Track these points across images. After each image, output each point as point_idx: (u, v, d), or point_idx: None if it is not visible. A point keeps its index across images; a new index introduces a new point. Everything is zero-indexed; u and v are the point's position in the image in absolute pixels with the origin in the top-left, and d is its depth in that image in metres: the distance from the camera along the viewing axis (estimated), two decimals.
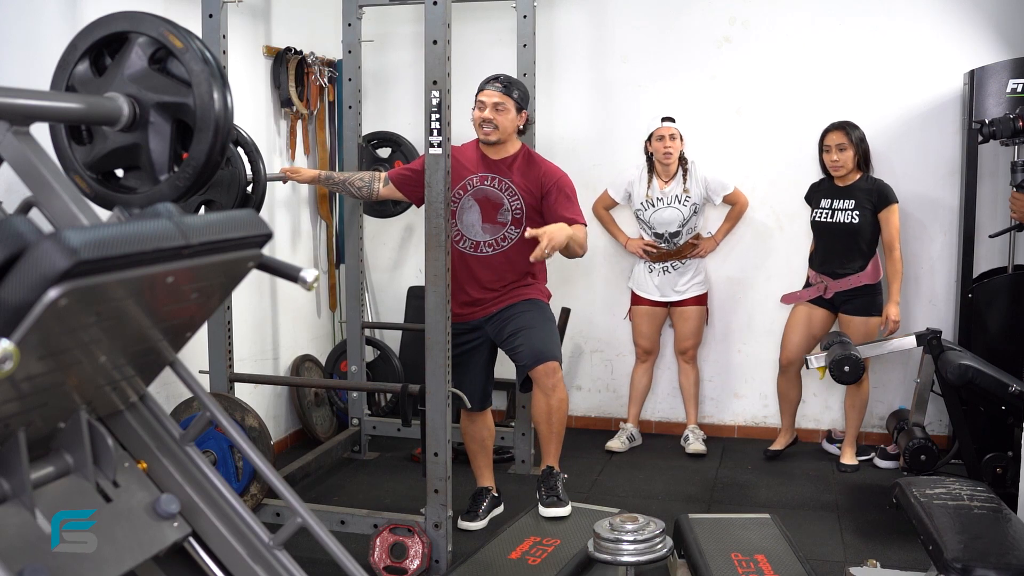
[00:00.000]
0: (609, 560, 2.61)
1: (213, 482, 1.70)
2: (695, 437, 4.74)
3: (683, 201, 4.57)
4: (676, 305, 4.70)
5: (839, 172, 4.31)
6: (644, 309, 4.72)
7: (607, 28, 4.95)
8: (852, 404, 4.49)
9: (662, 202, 4.58)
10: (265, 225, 1.65)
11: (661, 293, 4.68)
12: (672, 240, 4.61)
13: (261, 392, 4.44)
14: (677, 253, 4.63)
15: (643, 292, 4.71)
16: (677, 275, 4.65)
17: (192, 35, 1.87)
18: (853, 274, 4.31)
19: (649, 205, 4.60)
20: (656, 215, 4.59)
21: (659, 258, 4.64)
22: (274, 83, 4.49)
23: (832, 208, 4.32)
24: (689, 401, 4.84)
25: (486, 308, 3.58)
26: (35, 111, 1.68)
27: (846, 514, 3.85)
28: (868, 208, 4.28)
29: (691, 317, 4.70)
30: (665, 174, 4.58)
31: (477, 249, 3.56)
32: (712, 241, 4.72)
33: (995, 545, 2.46)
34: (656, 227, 4.61)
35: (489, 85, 3.53)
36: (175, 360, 1.71)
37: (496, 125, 3.50)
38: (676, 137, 4.52)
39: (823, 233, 4.38)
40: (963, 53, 4.54)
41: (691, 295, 4.67)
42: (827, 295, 4.36)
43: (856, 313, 4.34)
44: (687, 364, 4.80)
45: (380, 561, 3.21)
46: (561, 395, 3.51)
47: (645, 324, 4.73)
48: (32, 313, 1.24)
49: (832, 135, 4.31)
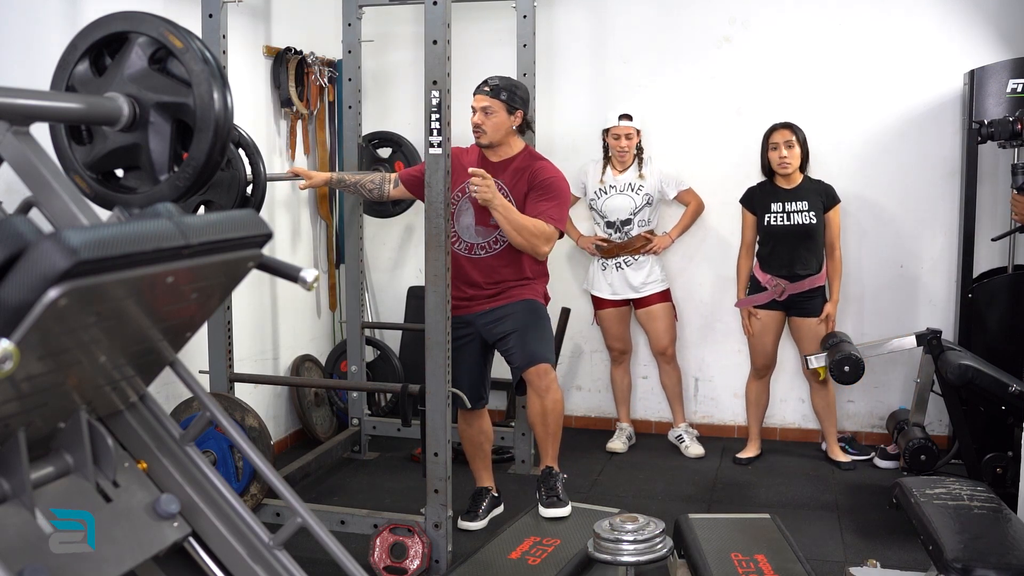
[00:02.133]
0: (609, 560, 2.61)
1: (213, 482, 1.70)
2: (689, 438, 4.73)
3: (636, 189, 4.58)
4: (639, 306, 4.68)
5: (787, 170, 4.30)
6: (608, 312, 4.70)
7: (607, 28, 4.95)
8: (822, 406, 4.51)
9: (615, 189, 4.59)
10: (265, 225, 1.65)
11: (613, 291, 4.65)
12: (623, 229, 4.60)
13: (261, 392, 4.44)
14: (628, 246, 4.59)
15: (599, 292, 4.69)
16: (632, 272, 4.62)
17: (192, 35, 1.87)
18: (813, 274, 4.32)
19: (602, 193, 4.61)
20: (608, 202, 4.59)
21: (611, 252, 4.62)
22: (274, 83, 4.49)
23: (786, 211, 4.31)
24: (675, 401, 4.82)
25: (480, 304, 3.58)
26: (35, 111, 1.68)
27: (846, 514, 3.85)
28: (820, 208, 4.30)
29: (658, 316, 4.67)
30: (620, 163, 4.61)
31: (471, 251, 3.58)
32: (666, 238, 4.68)
33: (995, 545, 2.46)
34: (608, 215, 4.60)
35: (478, 90, 3.54)
36: (175, 360, 1.71)
37: (484, 129, 3.51)
38: (632, 137, 4.54)
39: (780, 236, 4.33)
40: (963, 53, 4.54)
41: (651, 292, 4.64)
42: (782, 298, 4.36)
43: (808, 315, 4.36)
44: (667, 364, 4.77)
45: (380, 561, 3.21)
46: (555, 396, 3.50)
47: (613, 325, 4.72)
48: (32, 313, 1.24)
49: (779, 132, 4.31)
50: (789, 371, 4.85)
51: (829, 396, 4.50)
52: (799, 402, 4.92)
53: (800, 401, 4.92)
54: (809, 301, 4.35)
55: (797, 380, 4.86)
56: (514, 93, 3.53)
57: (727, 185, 4.82)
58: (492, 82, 3.53)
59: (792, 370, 4.83)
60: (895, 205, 4.72)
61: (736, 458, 4.56)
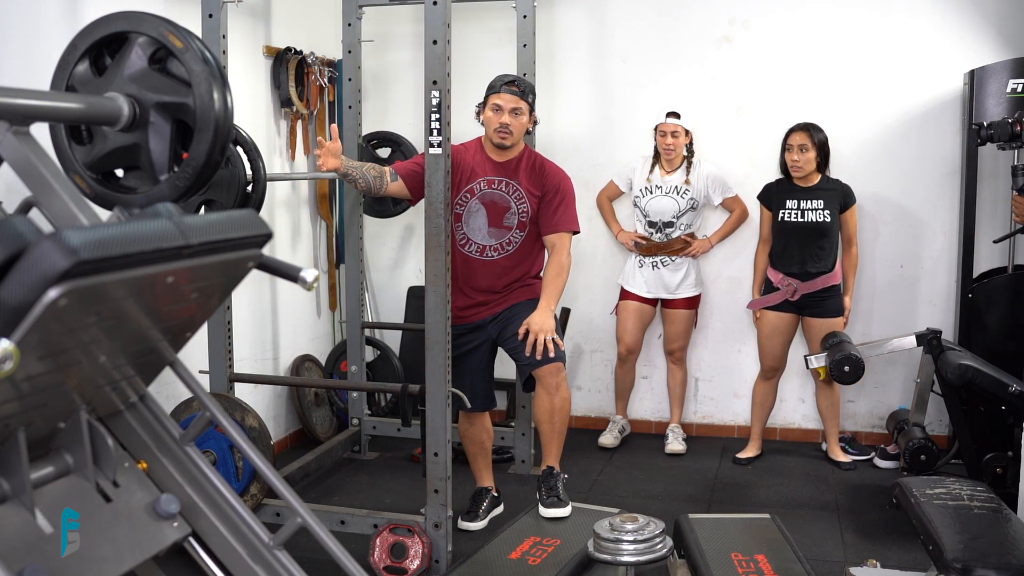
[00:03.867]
0: (609, 560, 2.61)
1: (213, 482, 1.70)
2: (674, 436, 4.76)
3: (681, 193, 4.58)
4: (666, 306, 4.70)
5: (798, 173, 4.31)
6: (632, 304, 4.70)
7: (607, 28, 4.95)
8: (826, 406, 4.51)
9: (660, 190, 4.60)
10: (265, 225, 1.65)
11: (648, 289, 4.67)
12: (664, 231, 4.61)
13: (261, 392, 4.44)
14: (667, 247, 4.61)
15: (631, 287, 4.71)
16: (668, 272, 4.63)
17: (192, 35, 1.87)
18: (826, 273, 4.32)
19: (647, 192, 4.61)
20: (652, 202, 4.60)
21: (649, 251, 4.63)
22: (274, 83, 4.49)
23: (801, 208, 4.32)
24: (675, 401, 4.84)
25: (490, 308, 3.57)
26: (35, 111, 1.68)
27: (846, 514, 3.85)
28: (836, 208, 4.31)
29: (680, 319, 4.69)
30: (668, 164, 4.61)
31: (483, 253, 3.55)
32: (706, 242, 4.70)
33: (995, 545, 2.46)
34: (651, 215, 4.61)
35: (505, 88, 3.46)
36: (175, 360, 1.71)
37: (512, 131, 3.47)
38: (679, 134, 4.54)
39: (793, 233, 4.34)
40: (963, 53, 4.54)
41: (683, 296, 4.66)
42: (794, 298, 4.36)
43: (822, 316, 4.36)
44: (675, 365, 4.80)
45: (380, 561, 3.21)
46: (565, 394, 3.50)
47: (631, 320, 4.71)
48: (32, 313, 1.24)
49: (795, 135, 4.32)
50: (795, 373, 4.83)
51: (834, 396, 4.49)
52: (799, 402, 4.92)
53: (800, 401, 4.92)
54: (823, 301, 4.35)
55: (799, 381, 4.86)
56: (535, 95, 3.56)
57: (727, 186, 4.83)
58: (520, 84, 3.49)
59: (798, 372, 4.81)
60: (895, 205, 4.72)
61: (736, 458, 4.56)
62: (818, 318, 4.37)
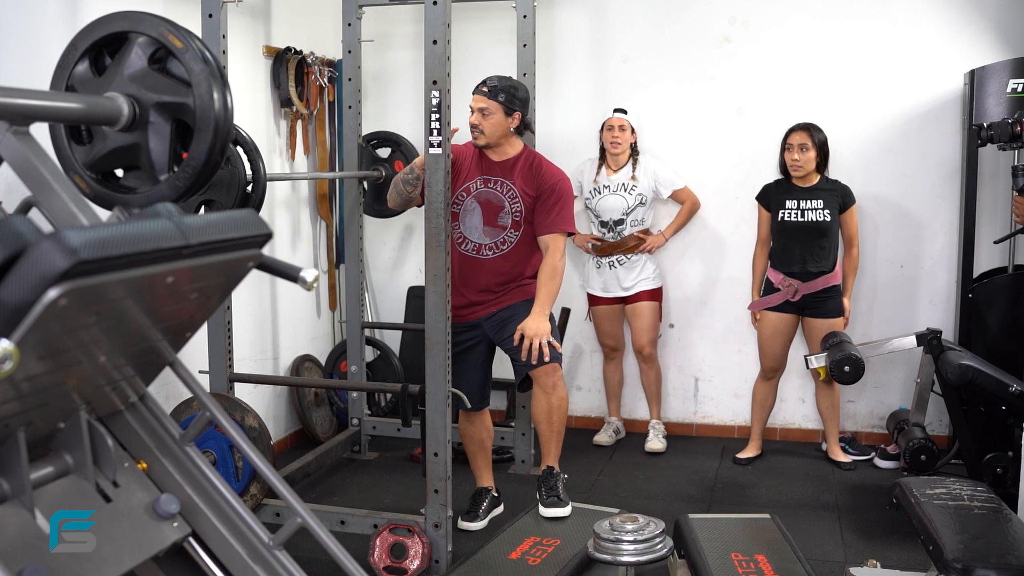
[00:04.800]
0: (609, 560, 2.61)
1: (213, 482, 1.70)
2: (655, 434, 4.76)
3: (629, 190, 4.60)
4: (628, 301, 4.71)
5: (798, 172, 4.31)
6: (600, 308, 4.75)
7: (607, 28, 4.95)
8: (827, 406, 4.51)
9: (608, 189, 4.62)
10: (265, 225, 1.64)
11: (605, 289, 4.69)
12: (616, 229, 4.62)
13: (261, 392, 4.44)
14: (621, 245, 4.62)
15: (592, 290, 4.74)
16: (624, 271, 4.65)
17: (192, 35, 1.87)
18: (827, 272, 4.31)
19: (596, 192, 4.64)
20: (602, 202, 4.62)
21: (604, 251, 4.65)
22: (274, 83, 4.49)
23: (800, 208, 4.32)
24: (652, 399, 4.84)
25: (486, 308, 3.58)
26: (35, 111, 1.68)
27: (846, 514, 3.85)
28: (835, 208, 4.31)
29: (642, 313, 4.68)
30: (614, 163, 4.64)
31: (479, 252, 3.56)
32: (660, 237, 4.69)
33: (995, 545, 2.45)
34: (602, 214, 4.63)
35: (476, 90, 3.52)
36: (175, 360, 1.71)
37: (482, 130, 3.50)
38: (626, 129, 4.58)
39: (792, 232, 4.34)
40: (963, 53, 4.54)
41: (640, 289, 4.66)
42: (795, 299, 4.35)
43: (822, 316, 4.35)
44: (644, 363, 4.78)
45: (380, 561, 3.21)
46: (561, 394, 3.51)
47: (605, 322, 4.76)
48: (32, 313, 1.24)
49: (795, 135, 4.32)
50: (795, 373, 4.83)
51: (834, 396, 4.49)
52: (799, 402, 4.92)
53: (800, 401, 4.92)
54: (824, 302, 4.34)
55: (799, 381, 4.86)
56: (512, 95, 3.51)
57: (727, 186, 4.83)
58: (490, 83, 3.51)
59: (798, 372, 4.82)
60: (895, 205, 4.72)
61: (736, 458, 4.56)
62: (819, 318, 4.36)
